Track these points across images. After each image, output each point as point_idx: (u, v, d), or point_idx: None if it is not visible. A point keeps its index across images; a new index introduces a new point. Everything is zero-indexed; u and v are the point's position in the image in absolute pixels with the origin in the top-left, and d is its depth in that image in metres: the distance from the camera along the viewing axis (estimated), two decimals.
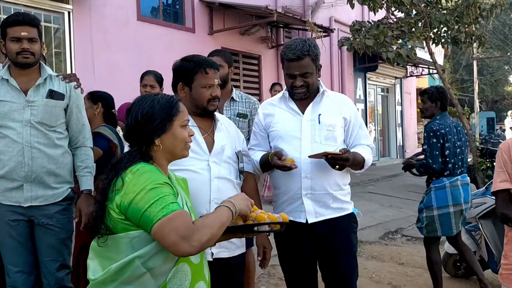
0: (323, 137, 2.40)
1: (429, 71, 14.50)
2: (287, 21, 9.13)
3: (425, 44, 8.33)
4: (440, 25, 7.70)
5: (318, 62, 2.43)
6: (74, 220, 2.72)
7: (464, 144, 3.88)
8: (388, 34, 7.54)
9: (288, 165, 2.28)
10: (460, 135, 3.85)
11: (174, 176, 1.80)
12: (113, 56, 6.78)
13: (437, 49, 12.37)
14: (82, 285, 3.01)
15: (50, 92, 2.58)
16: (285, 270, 2.60)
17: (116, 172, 1.61)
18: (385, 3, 7.74)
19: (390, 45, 7.64)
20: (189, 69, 2.18)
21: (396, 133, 15.41)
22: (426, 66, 13.94)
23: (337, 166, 2.29)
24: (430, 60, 9.43)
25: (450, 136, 3.74)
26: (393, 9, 8.04)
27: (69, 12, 6.39)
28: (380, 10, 7.82)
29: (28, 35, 2.49)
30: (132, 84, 4.39)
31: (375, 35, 7.52)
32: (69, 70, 6.32)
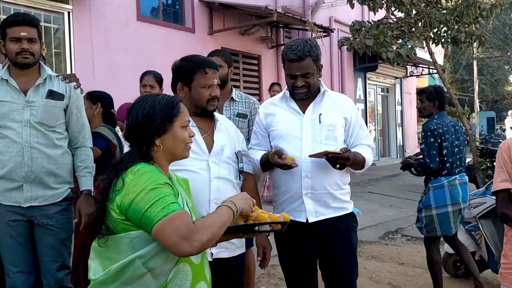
0: (324, 137, 2.41)
1: (429, 71, 14.50)
2: (287, 21, 9.13)
3: (425, 44, 8.33)
4: (440, 25, 7.70)
5: (319, 63, 2.44)
6: (74, 220, 2.72)
7: (462, 144, 3.88)
8: (388, 34, 7.55)
9: (289, 164, 2.28)
10: (458, 134, 3.85)
11: (175, 177, 1.80)
12: (113, 56, 6.78)
13: (437, 49, 12.37)
14: (82, 285, 3.01)
15: (50, 92, 2.58)
16: (285, 269, 2.60)
17: (116, 172, 1.61)
18: (385, 3, 7.74)
19: (390, 45, 7.64)
20: (188, 69, 2.18)
21: (396, 133, 15.41)
22: (426, 66, 13.94)
23: (338, 165, 2.29)
24: (430, 60, 9.43)
25: (447, 136, 3.74)
26: (393, 9, 8.04)
27: (69, 13, 6.39)
28: (380, 10, 7.82)
29: (28, 35, 2.49)
30: (132, 84, 4.39)
31: (375, 35, 7.52)
32: (69, 70, 6.32)
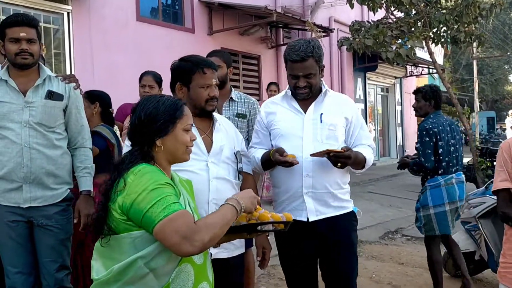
0: (325, 136, 2.41)
1: (429, 70, 14.49)
2: (286, 21, 9.14)
3: (424, 43, 8.34)
4: (439, 25, 7.71)
5: (322, 63, 2.45)
6: (74, 221, 2.71)
7: (459, 142, 3.88)
8: (388, 34, 7.55)
9: (290, 161, 2.29)
10: (454, 133, 3.85)
11: (177, 177, 1.80)
12: (113, 57, 6.77)
13: (437, 49, 12.38)
14: (81, 285, 3.00)
15: (49, 92, 2.58)
16: (286, 269, 2.60)
17: (118, 173, 1.61)
18: (384, 3, 7.75)
19: (389, 45, 7.65)
20: (187, 69, 2.18)
21: (396, 133, 15.42)
22: (426, 65, 13.93)
23: (339, 164, 2.30)
24: (429, 60, 9.43)
25: (443, 135, 3.74)
26: (393, 9, 8.05)
27: (68, 13, 6.39)
28: (379, 10, 7.84)
29: (27, 36, 2.49)
30: (131, 84, 4.39)
31: (375, 35, 7.53)
32: (68, 71, 6.32)
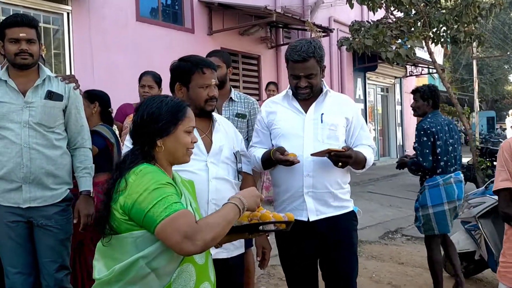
0: (326, 136, 2.42)
1: (429, 70, 14.50)
2: (286, 21, 9.14)
3: (424, 43, 8.34)
4: (439, 25, 7.71)
5: (323, 63, 2.45)
6: (74, 221, 2.71)
7: (457, 142, 3.89)
8: (387, 34, 7.55)
9: (291, 160, 2.29)
10: (453, 133, 3.86)
11: (179, 178, 1.80)
12: (112, 57, 6.78)
13: (437, 49, 12.37)
14: (79, 285, 3.00)
15: (49, 93, 2.58)
16: (286, 269, 2.60)
17: (120, 172, 1.62)
18: (384, 3, 7.75)
19: (389, 45, 7.64)
20: (186, 69, 2.18)
21: (396, 133, 15.42)
22: (425, 65, 13.94)
23: (340, 163, 2.30)
24: (429, 60, 9.43)
25: (441, 134, 3.75)
26: (392, 9, 8.05)
27: (68, 13, 6.39)
28: (379, 10, 7.83)
29: (27, 36, 2.49)
30: (131, 85, 4.39)
31: (374, 35, 7.53)
32: (68, 71, 6.32)
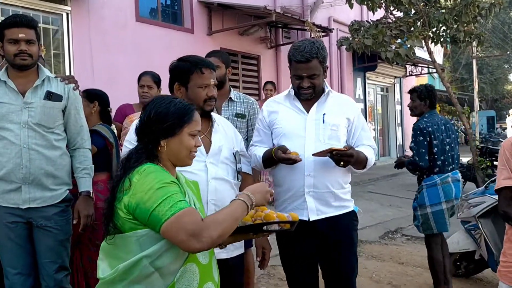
0: (327, 136, 2.42)
1: (429, 70, 14.49)
2: (286, 21, 9.13)
3: (424, 43, 8.34)
4: (439, 24, 7.71)
5: (325, 64, 2.46)
6: (73, 221, 2.71)
7: (454, 141, 3.91)
8: (387, 34, 7.55)
9: (293, 158, 2.29)
10: (450, 132, 3.87)
11: (183, 178, 1.80)
12: (112, 57, 6.77)
13: (437, 48, 12.37)
14: (76, 282, 3.00)
15: (48, 93, 2.57)
16: (287, 268, 2.60)
17: (124, 171, 1.62)
18: (383, 3, 7.75)
19: (389, 45, 7.64)
20: (185, 69, 2.18)
21: (396, 133, 15.42)
22: (425, 65, 13.93)
23: (342, 163, 2.30)
24: (429, 59, 9.43)
25: (438, 134, 3.76)
26: (392, 9, 8.05)
27: (67, 14, 6.38)
28: (378, 9, 7.83)
29: (26, 37, 2.49)
30: (131, 85, 4.39)
31: (374, 34, 7.53)
32: (68, 71, 6.32)
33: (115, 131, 3.46)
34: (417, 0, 7.56)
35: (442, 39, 8.16)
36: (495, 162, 8.38)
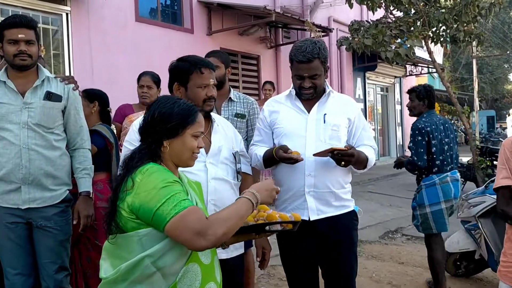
0: (328, 136, 2.43)
1: (429, 70, 14.49)
2: (285, 21, 9.13)
3: (424, 43, 8.34)
4: (438, 24, 7.71)
5: (327, 64, 2.46)
6: (73, 222, 2.71)
7: (453, 141, 3.91)
8: (387, 34, 7.55)
9: (295, 157, 2.30)
10: (448, 132, 3.88)
11: (186, 179, 1.80)
12: (112, 58, 6.77)
13: (436, 48, 12.36)
14: (73, 281, 3.00)
15: (48, 93, 2.57)
16: (287, 268, 2.61)
17: (127, 170, 1.62)
18: (383, 3, 7.75)
19: (388, 45, 7.64)
20: (184, 69, 2.18)
21: (396, 132, 15.41)
22: (425, 65, 13.93)
23: (343, 162, 2.30)
24: (429, 59, 9.43)
25: (436, 134, 3.78)
26: (392, 9, 8.05)
27: (67, 14, 6.39)
28: (378, 9, 7.83)
29: (26, 37, 2.49)
30: (130, 85, 4.39)
31: (374, 34, 7.53)
32: (67, 71, 6.32)
33: (115, 131, 3.46)
34: (417, 0, 7.56)
35: (442, 39, 8.16)
36: (495, 162, 8.38)
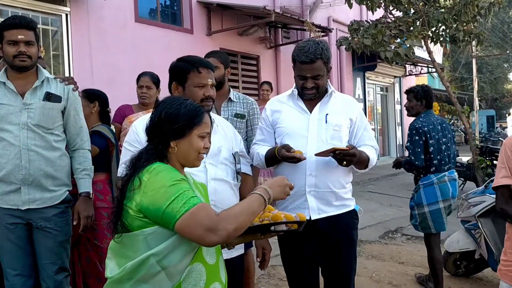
0: (329, 137, 2.43)
1: (428, 69, 14.49)
2: (285, 21, 9.13)
3: (423, 42, 8.34)
4: (438, 24, 7.71)
5: (329, 65, 2.46)
6: (74, 223, 2.71)
7: (450, 141, 3.93)
8: (386, 33, 7.56)
9: (297, 156, 2.30)
10: (446, 132, 3.90)
11: (192, 179, 1.80)
12: (111, 58, 6.77)
13: (436, 48, 12.37)
14: (73, 284, 3.00)
15: (47, 94, 2.58)
16: (288, 268, 2.61)
17: (134, 170, 1.63)
18: (383, 2, 7.76)
19: (388, 44, 7.65)
20: (182, 69, 2.18)
21: (396, 132, 15.41)
22: (425, 64, 13.93)
23: (344, 162, 2.31)
24: (429, 59, 9.43)
25: (433, 133, 3.80)
26: (391, 8, 8.05)
27: (66, 15, 6.38)
28: (378, 9, 7.84)
29: (25, 38, 2.49)
30: (130, 85, 4.39)
31: (373, 34, 7.53)
32: (67, 72, 6.32)
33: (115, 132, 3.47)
34: (416, 0, 7.56)
35: (441, 39, 8.17)
36: (495, 162, 8.37)
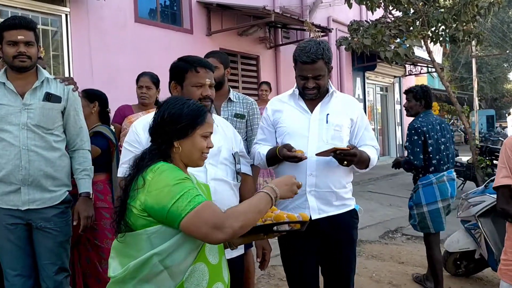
0: (330, 137, 2.44)
1: (428, 69, 14.50)
2: (285, 21, 9.13)
3: (423, 42, 8.34)
4: (438, 24, 7.72)
5: (330, 65, 2.47)
6: (74, 223, 2.71)
7: (449, 141, 3.95)
8: (386, 33, 7.56)
9: (299, 156, 2.30)
10: (445, 132, 3.91)
11: (195, 180, 1.81)
12: (111, 58, 6.77)
13: (436, 48, 12.38)
14: (73, 284, 3.00)
15: (47, 94, 2.58)
16: (288, 268, 2.61)
17: (137, 170, 1.63)
18: (382, 2, 7.76)
19: (388, 44, 7.65)
20: (181, 68, 2.19)
21: (396, 132, 15.41)
22: (424, 64, 13.94)
23: (345, 162, 2.31)
24: (428, 59, 9.43)
25: (432, 133, 3.81)
26: (391, 8, 8.06)
27: (66, 15, 6.38)
28: (377, 9, 7.84)
29: (25, 38, 2.49)
30: (130, 85, 4.39)
31: (373, 34, 7.53)
32: (67, 72, 6.32)
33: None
34: (416, 0, 7.57)
35: (441, 39, 8.17)
36: (495, 161, 8.38)
